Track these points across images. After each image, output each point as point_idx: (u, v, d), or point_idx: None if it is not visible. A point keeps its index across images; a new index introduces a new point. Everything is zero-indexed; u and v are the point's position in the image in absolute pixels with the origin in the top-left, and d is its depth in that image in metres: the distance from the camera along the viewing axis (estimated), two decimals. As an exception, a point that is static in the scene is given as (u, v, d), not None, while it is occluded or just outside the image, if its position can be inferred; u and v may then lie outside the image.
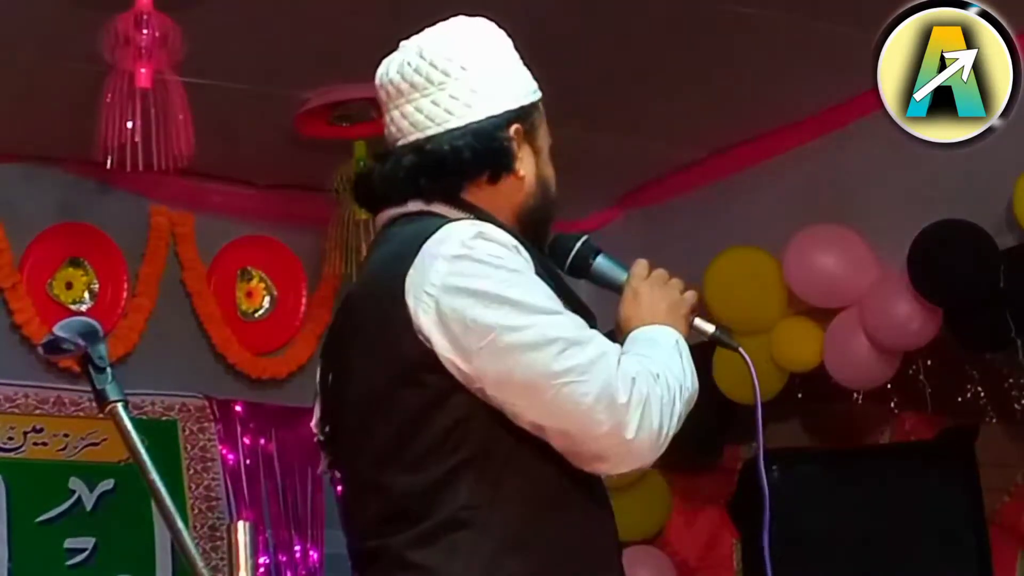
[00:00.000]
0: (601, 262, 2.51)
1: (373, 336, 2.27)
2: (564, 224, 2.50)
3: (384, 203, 2.38)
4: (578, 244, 2.51)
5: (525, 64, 2.46)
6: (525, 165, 2.38)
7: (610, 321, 2.42)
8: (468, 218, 2.30)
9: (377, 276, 2.31)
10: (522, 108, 2.38)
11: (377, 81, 2.42)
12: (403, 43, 2.43)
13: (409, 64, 2.37)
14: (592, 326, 2.28)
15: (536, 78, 2.46)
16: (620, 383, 2.14)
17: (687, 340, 2.38)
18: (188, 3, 4.18)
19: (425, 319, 2.19)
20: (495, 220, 2.31)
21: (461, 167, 2.32)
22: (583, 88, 4.86)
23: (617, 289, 2.47)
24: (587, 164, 5.07)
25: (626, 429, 2.14)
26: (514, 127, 2.36)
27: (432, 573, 2.17)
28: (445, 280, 2.20)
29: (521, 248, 2.26)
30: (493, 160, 2.34)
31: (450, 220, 2.29)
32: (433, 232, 2.25)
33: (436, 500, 2.19)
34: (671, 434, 2.22)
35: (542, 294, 2.22)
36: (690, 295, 2.43)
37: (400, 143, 2.37)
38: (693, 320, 2.44)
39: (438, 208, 2.33)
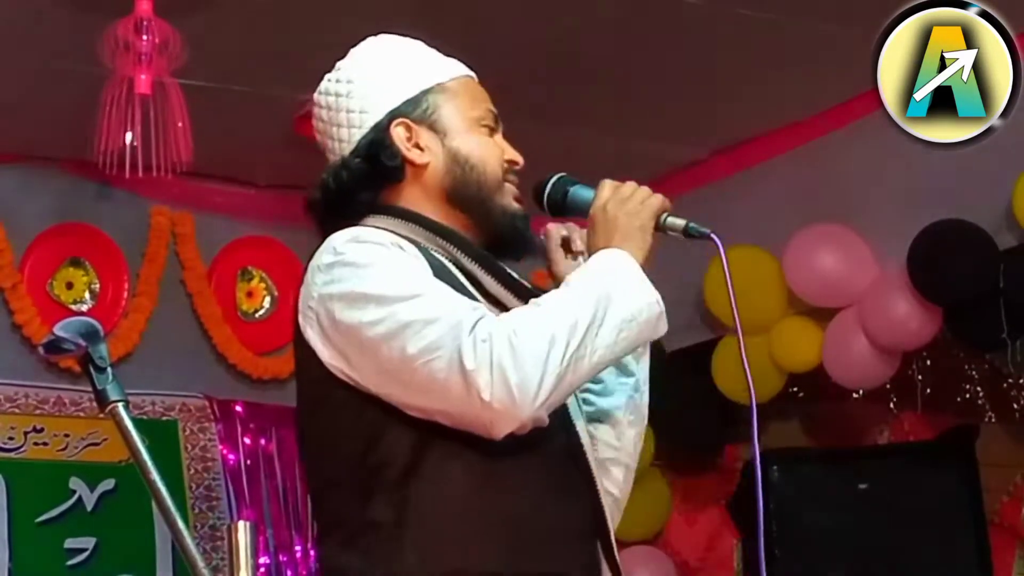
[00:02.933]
0: (573, 194, 2.44)
1: (295, 354, 2.32)
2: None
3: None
4: (550, 183, 2.45)
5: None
6: (428, 151, 2.36)
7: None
8: (372, 225, 2.30)
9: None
10: (407, 100, 2.37)
11: None
12: None
13: (317, 102, 2.43)
14: None
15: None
16: (468, 349, 2.10)
17: (654, 245, 2.33)
18: (189, 9, 4.17)
19: (312, 333, 2.23)
20: (411, 214, 2.32)
21: (351, 190, 2.34)
22: (583, 88, 4.86)
23: None
24: (587, 164, 5.05)
25: (482, 392, 2.10)
26: (396, 123, 2.35)
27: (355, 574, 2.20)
28: (321, 290, 2.22)
29: (404, 244, 2.25)
30: (376, 168, 2.34)
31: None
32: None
33: (357, 504, 2.21)
34: (565, 380, 2.14)
35: (408, 282, 2.19)
36: (654, 200, 2.38)
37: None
38: (664, 220, 2.37)
39: (368, 220, 2.33)
